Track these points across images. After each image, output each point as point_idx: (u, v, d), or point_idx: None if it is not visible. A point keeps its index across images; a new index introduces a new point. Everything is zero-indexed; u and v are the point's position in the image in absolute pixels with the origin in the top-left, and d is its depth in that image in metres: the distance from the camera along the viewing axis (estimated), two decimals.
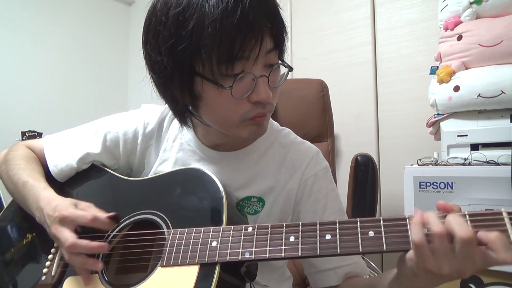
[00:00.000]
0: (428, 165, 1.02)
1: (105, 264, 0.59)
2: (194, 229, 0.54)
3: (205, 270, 0.50)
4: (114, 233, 0.61)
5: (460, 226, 0.39)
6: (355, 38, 1.68)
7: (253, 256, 0.49)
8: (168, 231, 0.56)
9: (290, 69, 0.60)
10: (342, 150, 1.70)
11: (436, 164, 1.02)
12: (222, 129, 0.60)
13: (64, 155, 0.72)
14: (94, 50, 2.53)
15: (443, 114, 1.08)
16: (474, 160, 0.95)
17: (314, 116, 1.28)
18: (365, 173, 1.23)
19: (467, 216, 0.41)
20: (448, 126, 1.05)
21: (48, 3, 2.31)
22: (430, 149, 1.27)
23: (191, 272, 0.50)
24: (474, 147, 0.99)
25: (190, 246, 0.53)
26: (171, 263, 0.53)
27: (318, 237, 0.47)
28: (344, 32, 1.72)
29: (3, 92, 2.08)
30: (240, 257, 0.50)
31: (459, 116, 1.04)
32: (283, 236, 0.49)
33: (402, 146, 1.53)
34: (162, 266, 0.53)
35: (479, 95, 0.96)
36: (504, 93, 0.93)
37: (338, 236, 0.47)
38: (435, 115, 1.12)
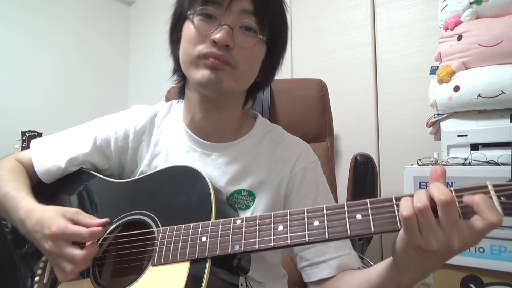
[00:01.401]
0: (428, 165, 1.02)
1: (98, 267, 0.59)
2: (183, 225, 0.54)
3: (196, 266, 0.50)
4: (104, 235, 0.61)
5: (439, 190, 0.41)
6: (355, 38, 1.68)
7: (242, 248, 0.49)
8: (157, 230, 0.56)
9: (259, 36, 0.64)
10: (342, 150, 1.70)
11: (436, 164, 1.02)
12: (184, 68, 0.66)
13: (51, 155, 0.71)
14: (94, 50, 2.53)
15: (443, 114, 1.08)
16: (474, 160, 0.95)
17: (313, 116, 1.28)
18: (364, 172, 1.23)
19: (452, 191, 0.42)
20: (448, 126, 1.05)
21: (48, 3, 2.31)
22: (430, 149, 1.27)
23: (182, 269, 0.50)
24: (474, 147, 0.99)
25: (180, 243, 0.53)
26: (162, 261, 0.53)
27: (306, 224, 0.47)
28: (344, 32, 1.72)
29: (3, 92, 2.08)
30: (230, 250, 0.50)
31: (459, 116, 1.04)
32: (272, 226, 0.49)
33: (402, 146, 1.53)
34: (153, 265, 0.53)
35: (479, 95, 0.96)
36: (504, 93, 0.93)
37: (326, 222, 0.47)
38: (435, 115, 1.12)
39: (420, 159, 1.05)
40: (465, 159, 0.97)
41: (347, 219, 0.46)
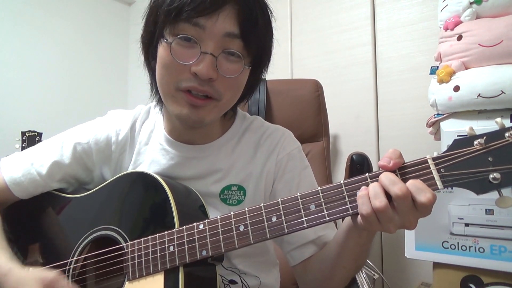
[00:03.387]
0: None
1: None
2: (150, 237, 0.54)
3: (170, 275, 0.51)
4: (75, 258, 0.61)
5: (392, 182, 0.43)
6: (355, 38, 1.68)
7: (210, 253, 0.51)
8: (126, 245, 0.56)
9: (246, 65, 0.59)
10: (342, 150, 1.70)
11: None
12: (163, 97, 0.61)
13: (26, 171, 0.67)
14: (94, 50, 2.53)
15: (443, 114, 1.08)
16: None
17: (309, 116, 1.29)
18: (360, 171, 1.23)
19: (396, 170, 0.44)
20: (448, 126, 1.05)
21: (48, 3, 2.31)
22: (430, 149, 1.27)
23: (158, 280, 0.52)
24: None
25: (150, 256, 0.54)
26: (137, 275, 0.54)
27: (265, 222, 0.49)
28: (344, 32, 1.72)
29: (3, 92, 2.08)
30: (198, 256, 0.51)
31: (459, 116, 1.04)
32: (233, 228, 0.51)
33: (402, 146, 1.53)
34: (129, 280, 0.54)
35: (479, 95, 0.96)
36: (504, 93, 0.93)
37: (283, 216, 0.48)
38: (435, 115, 1.12)
39: None
40: None
41: (302, 211, 0.48)
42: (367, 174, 0.46)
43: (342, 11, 1.73)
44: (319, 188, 0.48)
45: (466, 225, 0.88)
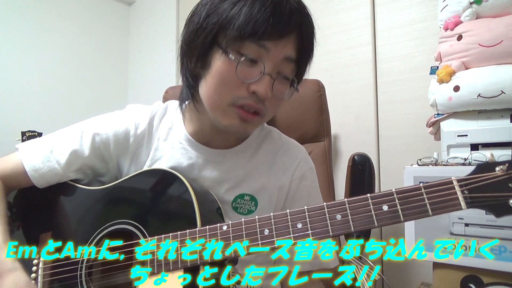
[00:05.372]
0: (428, 165, 1.02)
1: (92, 281, 0.60)
2: (171, 234, 0.55)
3: (190, 273, 0.52)
4: (92, 246, 0.61)
5: None
6: (355, 38, 1.68)
7: (232, 254, 0.51)
8: (146, 240, 0.57)
9: (296, 90, 0.64)
10: (342, 150, 1.70)
11: (436, 164, 1.02)
12: (210, 108, 0.61)
13: (45, 159, 0.67)
14: (94, 50, 2.53)
15: (443, 114, 1.08)
16: (474, 160, 0.95)
17: (311, 116, 1.28)
18: (362, 172, 1.23)
19: (422, 188, 0.45)
20: (448, 126, 1.05)
21: (48, 3, 2.31)
22: (430, 149, 1.27)
23: (177, 277, 0.52)
24: (474, 147, 0.99)
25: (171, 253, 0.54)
26: (156, 271, 0.54)
27: (290, 227, 0.50)
28: (344, 32, 1.72)
29: (3, 92, 2.08)
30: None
31: (459, 116, 1.04)
32: (258, 231, 0.51)
33: (402, 146, 1.53)
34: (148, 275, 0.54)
35: (479, 95, 0.96)
36: (504, 93, 0.93)
37: (308, 224, 0.49)
38: (435, 115, 1.12)
39: (420, 159, 1.05)
40: (465, 159, 0.97)
41: (328, 220, 0.48)
42: (393, 189, 0.47)
43: (342, 11, 1.73)
44: (345, 199, 0.49)
45: (466, 225, 0.88)
